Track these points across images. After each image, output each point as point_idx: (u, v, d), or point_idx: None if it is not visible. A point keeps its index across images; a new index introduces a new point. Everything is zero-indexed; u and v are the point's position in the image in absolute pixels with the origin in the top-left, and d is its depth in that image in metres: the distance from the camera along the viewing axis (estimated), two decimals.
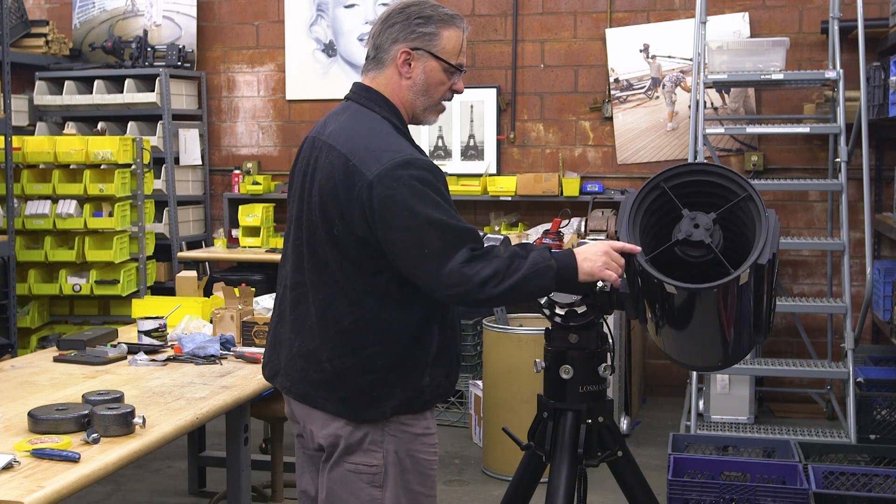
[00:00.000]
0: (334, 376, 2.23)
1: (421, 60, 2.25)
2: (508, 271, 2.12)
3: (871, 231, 4.88)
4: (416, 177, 2.12)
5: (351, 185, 2.14)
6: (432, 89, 2.28)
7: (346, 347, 2.21)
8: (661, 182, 2.30)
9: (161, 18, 6.77)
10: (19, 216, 5.63)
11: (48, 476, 2.15)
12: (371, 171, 2.12)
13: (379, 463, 2.24)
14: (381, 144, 2.17)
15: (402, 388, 2.23)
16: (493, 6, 6.28)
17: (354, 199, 2.14)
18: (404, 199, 2.10)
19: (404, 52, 2.24)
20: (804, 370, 4.94)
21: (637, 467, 2.54)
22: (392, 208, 2.10)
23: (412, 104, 2.29)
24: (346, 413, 2.23)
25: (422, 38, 2.24)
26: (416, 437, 2.27)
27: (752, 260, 2.17)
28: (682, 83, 6.01)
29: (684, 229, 2.25)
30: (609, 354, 2.49)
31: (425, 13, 2.25)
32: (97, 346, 3.52)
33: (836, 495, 3.54)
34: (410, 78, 2.26)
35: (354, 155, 2.16)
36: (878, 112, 4.93)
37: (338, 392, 2.23)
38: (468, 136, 6.32)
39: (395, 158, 2.13)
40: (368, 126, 2.23)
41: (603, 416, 2.46)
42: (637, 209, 2.30)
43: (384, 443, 2.24)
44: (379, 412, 2.22)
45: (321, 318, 2.23)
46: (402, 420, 2.25)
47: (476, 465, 4.82)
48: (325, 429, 2.27)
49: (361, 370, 2.21)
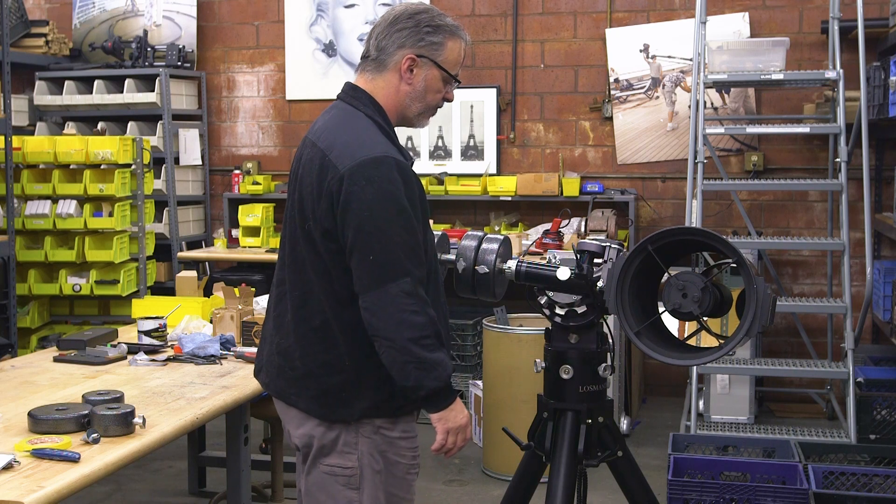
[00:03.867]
0: (305, 374, 2.26)
1: (424, 68, 2.28)
2: (422, 340, 2.12)
3: (871, 231, 4.88)
4: (387, 178, 2.14)
5: (323, 179, 2.18)
6: (429, 96, 2.32)
7: (317, 346, 2.24)
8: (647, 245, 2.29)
9: (161, 18, 6.77)
10: (19, 216, 5.63)
11: (48, 476, 2.15)
12: (343, 166, 2.15)
13: (354, 465, 2.26)
14: (359, 141, 2.20)
15: (373, 391, 2.24)
16: (493, 6, 6.28)
17: (325, 192, 2.17)
18: (368, 201, 2.13)
19: (410, 58, 2.27)
20: (804, 370, 4.94)
21: (637, 467, 2.54)
22: (354, 206, 2.13)
23: (407, 108, 2.32)
24: (317, 412, 2.26)
25: (429, 46, 2.27)
26: (391, 441, 2.28)
27: (741, 335, 2.18)
28: (682, 83, 6.01)
29: (672, 300, 2.25)
30: (609, 354, 2.49)
31: (435, 22, 2.28)
32: (97, 346, 3.52)
33: (836, 495, 3.54)
34: (411, 84, 2.29)
35: (331, 150, 2.20)
36: (878, 112, 4.93)
37: (309, 390, 2.27)
38: (468, 136, 6.32)
39: (369, 155, 2.16)
40: (350, 123, 2.26)
41: (603, 416, 2.46)
42: (625, 273, 2.29)
43: (358, 444, 2.26)
44: (348, 413, 2.24)
45: (295, 316, 2.27)
46: (376, 423, 2.26)
47: (476, 465, 4.82)
48: (300, 428, 2.30)
49: (330, 370, 2.24)
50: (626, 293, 2.29)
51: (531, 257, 5.50)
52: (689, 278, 2.24)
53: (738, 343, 2.19)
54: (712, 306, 2.24)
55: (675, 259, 2.36)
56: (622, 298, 2.28)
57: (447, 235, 2.50)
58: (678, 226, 2.97)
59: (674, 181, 6.07)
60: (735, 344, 2.19)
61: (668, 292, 2.25)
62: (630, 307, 2.29)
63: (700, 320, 2.28)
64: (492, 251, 2.40)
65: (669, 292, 2.25)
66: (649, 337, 2.29)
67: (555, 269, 2.40)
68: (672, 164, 6.06)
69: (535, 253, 5.57)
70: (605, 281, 2.32)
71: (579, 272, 2.38)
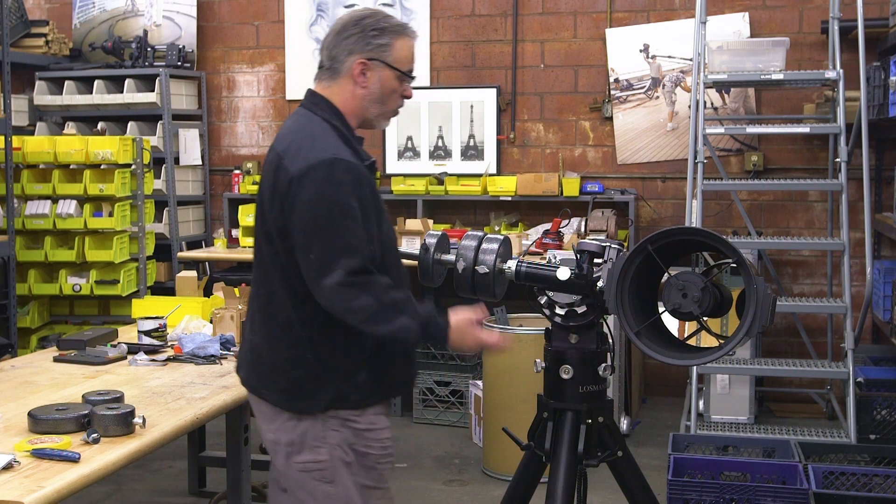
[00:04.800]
0: (273, 369, 2.36)
1: (376, 70, 2.36)
2: (377, 318, 2.20)
3: (871, 231, 4.88)
4: (333, 179, 2.21)
5: (277, 181, 2.26)
6: (385, 96, 2.39)
7: (282, 342, 2.33)
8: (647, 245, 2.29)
9: (161, 18, 6.77)
10: (19, 216, 5.63)
11: (48, 476, 2.15)
12: (295, 168, 2.23)
13: (325, 458, 2.32)
14: (312, 144, 2.27)
15: (337, 384, 2.31)
16: (493, 6, 6.28)
17: (277, 194, 2.25)
18: (310, 201, 2.20)
19: (361, 62, 2.35)
20: (804, 370, 4.94)
21: (637, 467, 2.54)
22: (298, 206, 2.21)
23: (365, 111, 2.39)
24: (285, 405, 2.35)
25: (377, 49, 2.35)
26: (359, 433, 2.34)
27: (741, 335, 2.18)
28: (682, 83, 6.01)
29: (672, 300, 2.25)
30: (609, 354, 2.50)
31: (380, 25, 2.36)
32: (97, 346, 3.52)
33: (836, 495, 3.54)
34: (366, 87, 2.37)
35: (286, 153, 2.28)
36: (878, 112, 4.93)
37: (276, 384, 2.36)
38: (468, 136, 6.32)
39: (320, 157, 2.23)
40: (306, 127, 2.34)
41: (603, 416, 2.47)
42: (625, 273, 2.30)
43: (326, 438, 2.32)
44: (313, 405, 2.32)
45: (263, 314, 2.38)
46: (342, 415, 2.32)
47: (476, 465, 4.82)
48: (271, 424, 2.38)
49: (295, 364, 2.32)
50: (626, 293, 2.29)
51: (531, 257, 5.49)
52: (689, 278, 2.24)
53: (738, 343, 2.19)
54: (712, 306, 2.24)
55: (675, 259, 2.36)
56: (622, 298, 2.28)
57: (447, 236, 2.51)
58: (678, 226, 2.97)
59: (674, 181, 6.07)
60: (735, 344, 2.19)
61: (668, 292, 2.26)
62: (630, 307, 2.29)
63: (700, 320, 2.28)
64: (492, 251, 2.41)
65: (669, 292, 2.25)
66: (649, 337, 2.29)
67: (555, 269, 2.40)
68: (672, 164, 6.06)
69: (535, 253, 5.57)
70: (605, 281, 2.32)
71: (579, 272, 2.38)
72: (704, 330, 2.34)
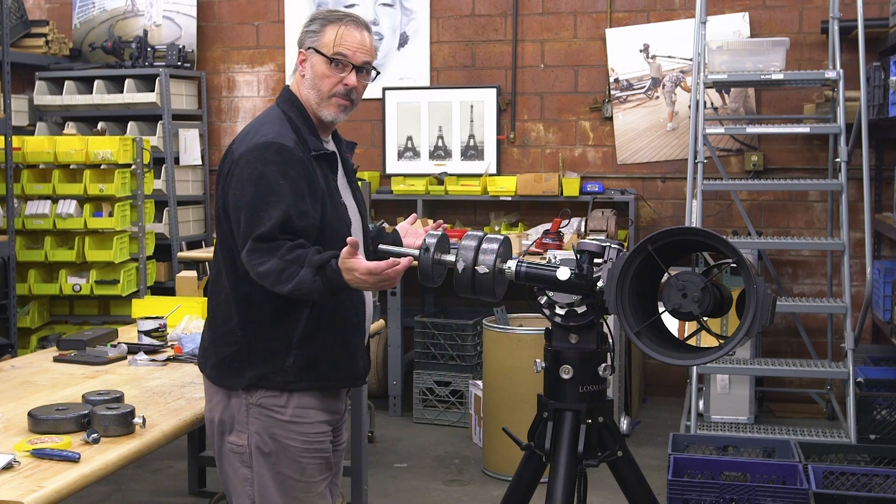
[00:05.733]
0: (210, 344, 2.48)
1: (310, 58, 2.49)
2: (281, 277, 2.25)
3: (871, 231, 4.88)
4: (263, 159, 2.32)
5: (223, 164, 2.42)
6: (318, 81, 2.48)
7: (219, 318, 2.45)
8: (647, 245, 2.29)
9: (161, 18, 6.77)
10: (19, 216, 5.63)
11: (48, 476, 2.15)
12: (238, 151, 2.37)
13: (244, 443, 2.42)
14: (258, 130, 2.41)
15: (263, 364, 2.39)
16: (493, 6, 6.28)
17: (222, 176, 2.40)
18: (243, 180, 2.32)
19: (301, 52, 2.50)
20: (804, 370, 4.94)
21: (637, 467, 2.54)
22: (234, 185, 2.34)
23: (308, 99, 2.50)
24: (215, 379, 2.45)
25: (310, 37, 2.48)
26: (280, 423, 2.40)
27: (741, 335, 2.18)
28: (682, 83, 6.01)
29: (672, 300, 2.25)
30: (609, 354, 2.49)
31: (317, 16, 2.51)
32: (97, 346, 3.51)
33: (836, 495, 3.54)
34: (304, 75, 2.50)
35: (236, 140, 2.43)
36: (878, 112, 4.93)
37: (210, 359, 2.47)
38: (468, 136, 6.32)
39: (260, 140, 2.36)
40: (262, 116, 2.51)
41: (603, 416, 2.46)
42: (625, 273, 2.30)
43: (248, 424, 2.41)
44: (237, 381, 2.40)
45: (210, 293, 2.52)
46: (266, 402, 2.39)
47: (476, 465, 4.82)
48: (210, 402, 2.51)
49: (226, 341, 2.42)
50: (627, 293, 2.29)
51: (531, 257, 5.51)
52: (689, 278, 2.24)
53: (739, 343, 2.19)
54: (712, 306, 2.24)
55: (675, 259, 2.36)
56: (622, 298, 2.28)
57: (447, 236, 2.50)
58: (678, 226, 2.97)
59: (674, 181, 6.07)
60: (735, 344, 2.19)
61: (668, 292, 2.25)
62: (630, 307, 2.28)
63: (700, 320, 2.28)
64: (492, 251, 2.40)
65: (669, 292, 2.25)
66: (649, 337, 2.29)
67: (555, 269, 2.40)
68: (672, 164, 6.06)
69: (535, 253, 5.57)
70: (605, 281, 2.32)
71: (579, 272, 2.38)
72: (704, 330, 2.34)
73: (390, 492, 4.44)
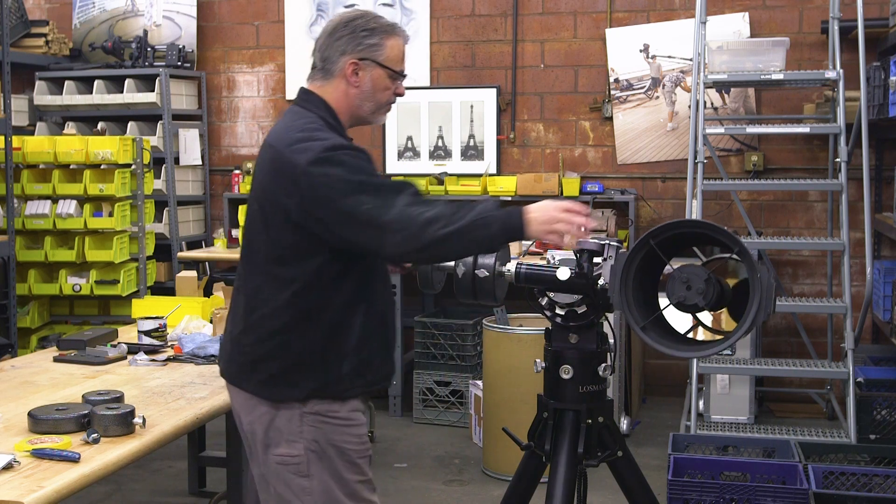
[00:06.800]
0: (256, 359, 2.37)
1: (368, 69, 2.42)
2: (453, 217, 2.19)
3: (871, 231, 4.88)
4: (344, 158, 2.27)
5: (286, 175, 2.28)
6: (378, 94, 2.45)
7: (265, 332, 2.35)
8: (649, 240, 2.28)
9: (161, 18, 6.77)
10: (19, 216, 5.63)
11: (48, 476, 2.15)
12: (302, 160, 2.26)
13: (300, 453, 2.35)
14: (310, 136, 2.33)
15: (320, 374, 2.34)
16: (493, 6, 6.28)
17: (290, 187, 2.27)
18: (337, 174, 2.24)
19: (353, 62, 2.41)
20: (804, 370, 4.94)
21: (637, 467, 2.54)
22: (328, 183, 2.24)
23: (359, 109, 2.45)
24: (265, 394, 2.36)
25: (368, 48, 2.41)
26: (336, 427, 2.36)
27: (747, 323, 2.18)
28: (682, 83, 6.01)
29: (676, 293, 2.25)
30: (609, 354, 2.49)
31: (370, 25, 2.43)
32: (97, 346, 3.52)
33: (836, 495, 3.54)
34: (358, 87, 2.43)
35: (286, 147, 2.31)
36: (878, 112, 4.93)
37: (257, 374, 2.37)
38: (468, 136, 6.32)
39: (324, 144, 2.29)
40: (300, 122, 2.40)
41: (603, 416, 2.46)
42: (628, 269, 2.29)
43: (303, 433, 2.34)
44: (295, 394, 2.34)
45: (249, 305, 2.39)
46: (321, 409, 2.34)
47: (476, 465, 4.82)
48: (249, 415, 2.40)
49: (278, 354, 2.34)
50: (630, 288, 2.29)
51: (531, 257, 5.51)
52: (693, 270, 2.24)
53: (745, 332, 2.19)
54: (716, 298, 2.24)
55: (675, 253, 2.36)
56: (626, 294, 2.28)
57: None
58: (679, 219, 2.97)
59: (674, 181, 6.07)
60: (742, 333, 2.19)
61: (672, 285, 2.25)
62: (634, 302, 2.29)
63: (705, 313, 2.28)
64: (491, 254, 2.41)
65: (673, 285, 2.25)
66: (655, 331, 2.29)
67: (554, 269, 2.40)
68: (672, 164, 6.06)
69: (534, 253, 5.57)
70: (608, 278, 2.32)
71: (579, 271, 2.38)
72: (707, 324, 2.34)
73: (390, 492, 4.44)
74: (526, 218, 2.22)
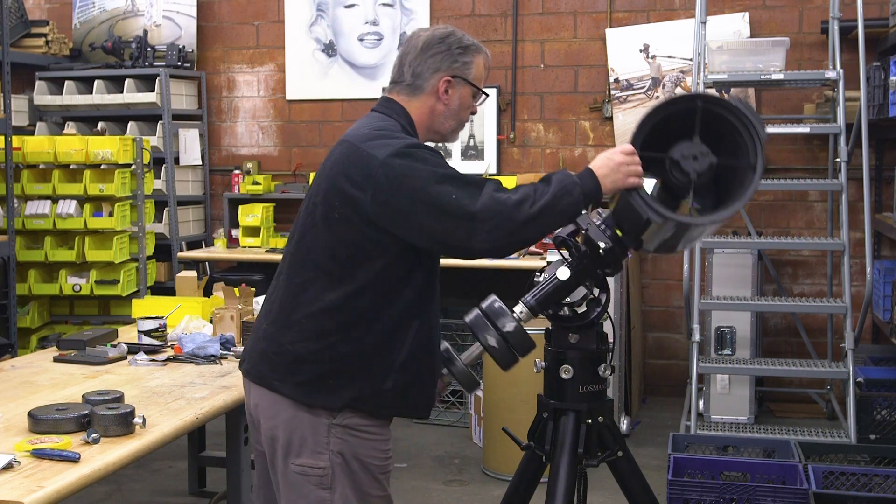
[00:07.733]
0: (295, 360, 2.26)
1: (458, 87, 2.42)
2: (537, 194, 2.19)
3: (871, 231, 4.88)
4: (426, 154, 2.25)
5: (361, 168, 2.23)
6: (462, 112, 2.45)
7: (310, 332, 2.25)
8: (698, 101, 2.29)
9: (161, 18, 6.77)
10: (19, 216, 5.63)
11: (48, 476, 2.15)
12: (382, 153, 2.23)
13: (325, 465, 2.26)
14: (390, 134, 2.31)
15: (362, 383, 2.25)
16: (493, 6, 6.28)
17: (366, 181, 2.22)
18: (420, 168, 2.21)
19: (446, 80, 2.40)
20: (804, 370, 4.94)
21: (637, 467, 2.54)
22: (412, 174, 2.20)
23: (440, 125, 2.44)
24: (300, 397, 2.26)
25: (462, 66, 2.42)
26: (363, 441, 2.28)
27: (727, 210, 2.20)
28: (683, 83, 6.01)
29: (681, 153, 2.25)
30: (609, 354, 2.49)
31: (463, 43, 2.44)
32: (97, 346, 3.52)
33: (836, 495, 3.53)
34: (447, 104, 2.42)
35: (365, 143, 2.27)
36: (878, 112, 4.93)
37: (295, 376, 2.26)
38: (468, 136, 6.32)
39: (405, 142, 2.27)
40: (380, 123, 2.37)
41: (603, 416, 2.46)
42: (658, 112, 2.31)
43: (329, 444, 2.26)
44: (330, 401, 2.25)
45: (291, 302, 2.29)
46: (351, 423, 2.26)
47: (476, 465, 4.82)
48: (272, 419, 2.30)
49: (322, 357, 2.25)
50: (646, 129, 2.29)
51: (531, 257, 5.51)
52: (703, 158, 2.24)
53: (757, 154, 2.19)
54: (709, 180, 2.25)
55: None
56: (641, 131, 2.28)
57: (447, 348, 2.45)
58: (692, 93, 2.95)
59: None
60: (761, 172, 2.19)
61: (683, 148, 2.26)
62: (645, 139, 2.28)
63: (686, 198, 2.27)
64: (501, 309, 2.38)
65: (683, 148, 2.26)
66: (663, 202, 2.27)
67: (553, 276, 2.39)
68: None
69: (535, 253, 5.57)
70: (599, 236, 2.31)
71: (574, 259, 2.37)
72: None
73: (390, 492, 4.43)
74: (598, 175, 2.25)
